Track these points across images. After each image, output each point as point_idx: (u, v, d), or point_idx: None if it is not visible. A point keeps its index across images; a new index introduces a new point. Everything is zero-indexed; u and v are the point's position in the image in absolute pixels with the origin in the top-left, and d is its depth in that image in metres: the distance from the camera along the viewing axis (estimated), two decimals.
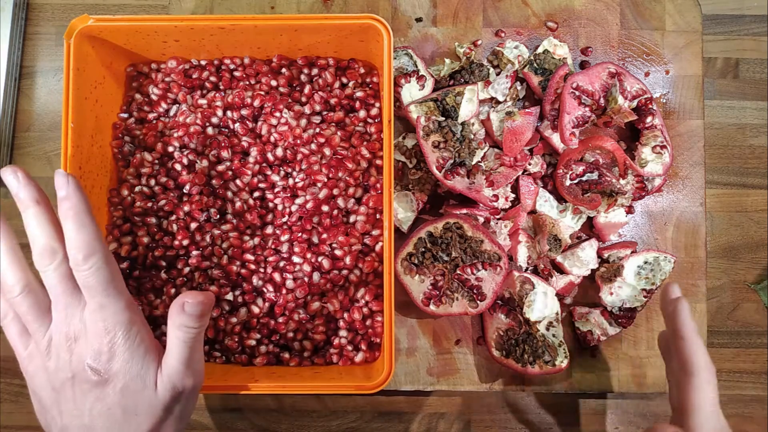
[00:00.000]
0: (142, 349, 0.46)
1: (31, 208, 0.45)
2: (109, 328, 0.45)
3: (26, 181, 0.46)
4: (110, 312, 0.45)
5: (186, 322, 0.47)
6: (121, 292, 0.46)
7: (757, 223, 0.72)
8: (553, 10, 0.71)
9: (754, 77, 0.73)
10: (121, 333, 0.45)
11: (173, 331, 0.47)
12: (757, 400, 0.71)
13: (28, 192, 0.46)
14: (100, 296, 0.45)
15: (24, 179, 0.46)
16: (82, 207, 0.45)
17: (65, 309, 0.46)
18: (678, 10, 0.71)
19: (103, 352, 0.45)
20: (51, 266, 0.45)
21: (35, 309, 0.46)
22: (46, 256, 0.45)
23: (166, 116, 0.64)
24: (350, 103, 0.65)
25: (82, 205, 0.45)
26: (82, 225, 0.44)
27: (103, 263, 0.45)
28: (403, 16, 0.71)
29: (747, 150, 0.72)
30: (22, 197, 0.46)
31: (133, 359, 0.46)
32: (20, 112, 0.71)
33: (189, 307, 0.47)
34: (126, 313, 0.46)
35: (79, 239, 0.44)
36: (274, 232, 0.62)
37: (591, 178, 0.67)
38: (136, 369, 0.46)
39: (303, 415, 0.70)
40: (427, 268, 0.64)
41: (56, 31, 0.72)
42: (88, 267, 0.44)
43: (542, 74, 0.68)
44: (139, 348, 0.46)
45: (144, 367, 0.46)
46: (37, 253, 0.45)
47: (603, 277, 0.67)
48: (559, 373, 0.65)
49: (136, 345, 0.46)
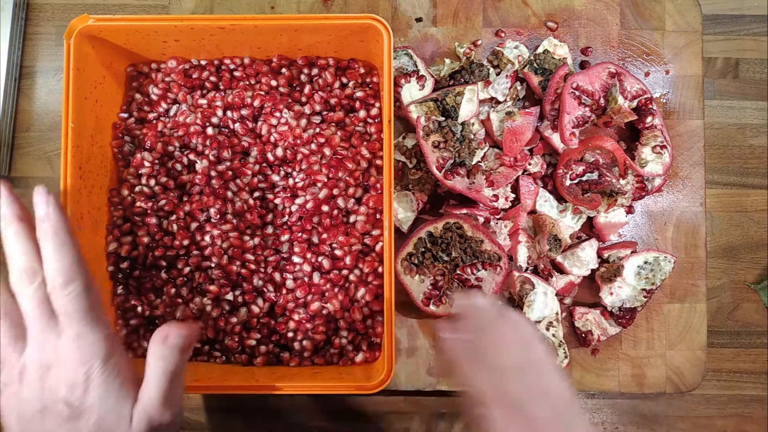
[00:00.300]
0: (118, 382, 0.44)
1: (13, 226, 0.43)
2: (86, 359, 0.42)
3: (10, 196, 0.44)
4: (88, 342, 0.43)
5: (167, 355, 0.45)
6: (101, 322, 0.44)
7: (757, 223, 0.72)
8: (553, 10, 0.71)
9: (754, 77, 0.73)
10: (98, 365, 0.43)
11: (153, 361, 0.45)
12: (757, 400, 0.71)
13: (11, 208, 0.43)
14: (78, 324, 0.42)
15: (7, 194, 0.44)
16: (61, 226, 0.43)
17: (40, 334, 0.43)
18: (678, 10, 0.71)
19: (78, 384, 0.42)
20: (30, 288, 0.43)
21: (9, 333, 0.43)
22: (26, 277, 0.43)
23: (166, 116, 0.64)
24: (350, 103, 0.65)
25: (62, 224, 0.43)
26: (62, 245, 0.42)
27: (83, 290, 0.43)
28: (403, 16, 0.71)
29: (747, 150, 0.72)
30: (4, 213, 0.43)
31: (108, 393, 0.43)
32: (20, 112, 0.71)
33: (173, 338, 0.45)
34: (104, 343, 0.43)
35: (59, 263, 0.42)
36: (274, 232, 0.62)
37: (591, 178, 0.67)
38: (111, 403, 0.43)
39: (303, 415, 0.70)
40: (427, 268, 0.64)
41: (56, 31, 0.72)
42: (67, 293, 0.42)
43: (542, 74, 0.68)
44: (115, 381, 0.43)
45: (120, 400, 0.44)
46: (16, 273, 0.43)
47: (603, 277, 0.67)
48: None
49: (112, 378, 0.43)
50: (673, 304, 0.69)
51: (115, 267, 0.61)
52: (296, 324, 0.61)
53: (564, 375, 0.48)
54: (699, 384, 0.68)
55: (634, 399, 0.70)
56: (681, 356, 0.68)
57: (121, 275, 0.61)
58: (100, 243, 0.61)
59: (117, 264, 0.61)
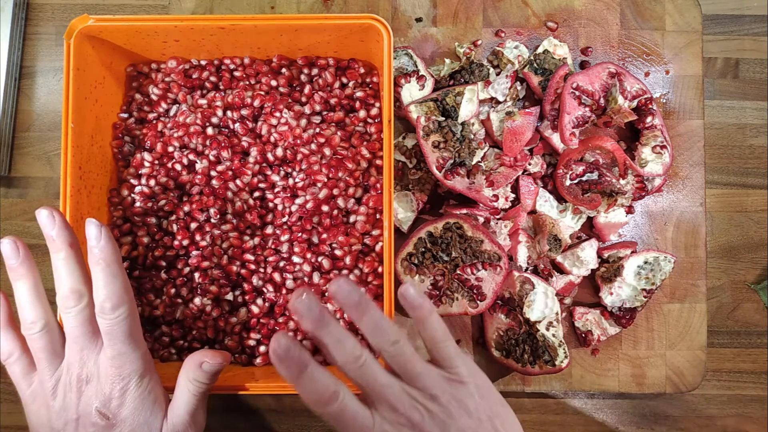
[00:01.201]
0: (151, 398, 0.48)
1: (63, 252, 0.46)
2: (124, 375, 0.46)
3: (62, 224, 0.47)
4: (127, 360, 0.46)
5: (200, 378, 0.49)
6: (140, 342, 0.47)
7: (757, 223, 0.72)
8: (553, 10, 0.71)
9: (754, 77, 0.73)
10: (135, 381, 0.47)
11: (185, 383, 0.49)
12: (757, 400, 0.71)
13: (63, 236, 0.46)
14: (120, 344, 0.46)
15: (60, 222, 0.47)
16: (114, 258, 0.46)
17: (81, 351, 0.46)
18: (678, 10, 0.71)
19: (114, 398, 0.46)
20: (75, 308, 0.46)
21: (50, 348, 0.47)
22: (73, 298, 0.46)
23: (166, 116, 0.64)
24: (350, 103, 0.64)
25: (114, 255, 0.46)
26: (114, 276, 0.46)
27: (129, 314, 0.46)
28: (403, 16, 0.71)
29: (747, 150, 0.72)
30: (56, 239, 0.46)
31: (142, 407, 0.47)
32: (20, 112, 0.71)
33: (207, 366, 0.49)
34: (141, 362, 0.47)
35: (109, 290, 0.45)
36: (274, 232, 0.62)
37: (591, 178, 0.67)
38: (144, 416, 0.47)
39: (303, 415, 0.70)
40: (427, 268, 0.64)
41: (56, 31, 0.72)
42: (114, 316, 0.45)
43: (542, 74, 0.68)
44: (149, 396, 0.48)
45: (152, 415, 0.48)
46: (63, 295, 0.46)
47: (603, 277, 0.67)
48: (559, 373, 0.65)
49: (146, 393, 0.47)
50: (673, 304, 0.69)
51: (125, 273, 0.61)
52: (296, 324, 0.61)
53: None
54: (699, 384, 0.68)
55: (634, 399, 0.70)
56: (681, 356, 0.68)
57: None
58: None
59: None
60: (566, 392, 0.69)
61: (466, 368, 0.48)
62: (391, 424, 0.44)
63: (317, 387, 0.43)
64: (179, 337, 0.61)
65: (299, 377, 0.43)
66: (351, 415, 0.44)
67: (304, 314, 0.45)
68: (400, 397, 0.44)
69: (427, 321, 0.48)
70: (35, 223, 0.49)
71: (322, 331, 0.45)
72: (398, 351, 0.46)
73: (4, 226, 0.70)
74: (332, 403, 0.43)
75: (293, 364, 0.43)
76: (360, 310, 0.46)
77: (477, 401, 0.46)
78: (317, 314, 0.44)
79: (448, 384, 0.46)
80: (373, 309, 0.46)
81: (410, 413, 0.44)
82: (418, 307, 0.48)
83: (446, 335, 0.48)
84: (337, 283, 0.45)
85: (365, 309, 0.46)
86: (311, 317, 0.44)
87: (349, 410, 0.44)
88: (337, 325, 0.45)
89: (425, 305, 0.48)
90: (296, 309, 0.45)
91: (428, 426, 0.44)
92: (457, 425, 0.45)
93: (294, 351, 0.43)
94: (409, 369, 0.46)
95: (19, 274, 0.47)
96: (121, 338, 0.46)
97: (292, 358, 0.43)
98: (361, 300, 0.46)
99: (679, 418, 0.70)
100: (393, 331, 0.46)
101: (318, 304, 0.45)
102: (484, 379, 0.49)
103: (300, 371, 0.43)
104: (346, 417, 0.44)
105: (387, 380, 0.45)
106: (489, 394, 0.48)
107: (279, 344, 0.43)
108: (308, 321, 0.45)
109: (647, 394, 0.70)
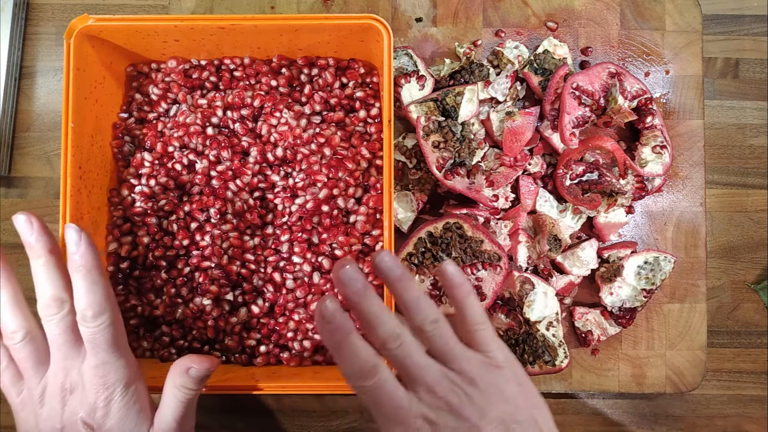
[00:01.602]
0: (137, 408, 0.47)
1: (43, 258, 0.45)
2: (108, 384, 0.45)
3: (41, 229, 0.46)
4: (112, 369, 0.45)
5: (187, 384, 0.47)
6: (124, 351, 0.46)
7: (757, 223, 0.72)
8: (553, 10, 0.71)
9: (754, 77, 0.73)
10: (120, 390, 0.45)
11: (171, 389, 0.47)
12: (757, 400, 0.71)
13: (42, 241, 0.46)
14: (103, 353, 0.45)
15: (39, 227, 0.46)
16: (94, 263, 0.45)
17: (64, 360, 0.46)
18: (678, 10, 0.71)
19: (99, 408, 0.45)
20: (57, 316, 0.45)
21: (34, 356, 0.46)
22: (54, 306, 0.45)
23: (166, 116, 0.64)
24: (350, 103, 0.64)
25: (94, 261, 0.45)
26: (94, 282, 0.45)
27: (112, 322, 0.45)
28: (403, 16, 0.71)
29: (747, 150, 0.72)
30: (35, 246, 0.45)
31: (127, 417, 0.46)
32: (20, 112, 0.71)
33: (194, 372, 0.47)
34: (126, 370, 0.46)
35: (90, 297, 0.44)
36: (274, 232, 0.62)
37: (591, 178, 0.67)
38: (129, 426, 0.46)
39: (303, 415, 0.70)
40: (427, 268, 0.64)
41: (56, 31, 0.72)
42: (96, 324, 0.44)
43: (542, 74, 0.68)
44: (134, 406, 0.46)
45: (138, 425, 0.46)
46: (44, 302, 0.45)
47: (603, 277, 0.67)
48: (559, 373, 0.65)
49: (132, 403, 0.46)
50: (673, 304, 0.69)
51: (115, 267, 0.61)
52: (296, 324, 0.61)
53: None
54: (699, 384, 0.68)
55: (634, 399, 0.70)
56: (681, 356, 0.68)
57: (121, 275, 0.61)
58: (100, 243, 0.61)
59: (117, 264, 0.61)
60: (566, 392, 0.69)
61: (502, 353, 0.45)
62: (428, 406, 0.42)
63: (358, 358, 0.41)
64: (179, 337, 0.61)
65: (342, 344, 0.41)
66: (388, 394, 0.42)
67: (347, 284, 0.42)
68: (438, 379, 0.42)
69: (466, 301, 0.45)
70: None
71: (364, 303, 0.42)
72: (439, 331, 0.43)
73: (4, 226, 0.70)
74: (370, 378, 0.41)
75: (338, 328, 0.41)
76: (402, 286, 0.43)
77: (515, 388, 0.44)
78: (361, 285, 0.42)
79: (486, 368, 0.44)
80: (414, 286, 0.44)
81: (449, 396, 0.42)
82: (458, 286, 0.45)
83: (484, 318, 0.46)
84: (381, 254, 0.43)
85: (408, 285, 0.43)
86: (355, 288, 0.42)
87: (386, 388, 0.42)
88: (379, 300, 0.43)
89: (465, 285, 0.46)
90: (340, 278, 0.42)
91: (467, 410, 0.42)
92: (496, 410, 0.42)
93: (341, 315, 0.41)
94: (448, 350, 0.44)
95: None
96: (104, 347, 0.45)
97: (339, 322, 0.41)
98: (404, 275, 0.43)
99: (679, 418, 0.70)
100: (433, 309, 0.44)
101: (362, 275, 0.43)
102: (520, 367, 0.47)
103: (344, 338, 0.41)
104: (382, 395, 0.42)
105: (425, 361, 0.43)
106: (526, 382, 0.46)
107: (326, 307, 0.41)
108: (351, 291, 0.42)
109: (647, 394, 0.70)
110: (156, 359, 0.61)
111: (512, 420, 0.43)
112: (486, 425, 0.42)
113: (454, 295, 0.46)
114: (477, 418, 0.42)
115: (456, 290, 0.46)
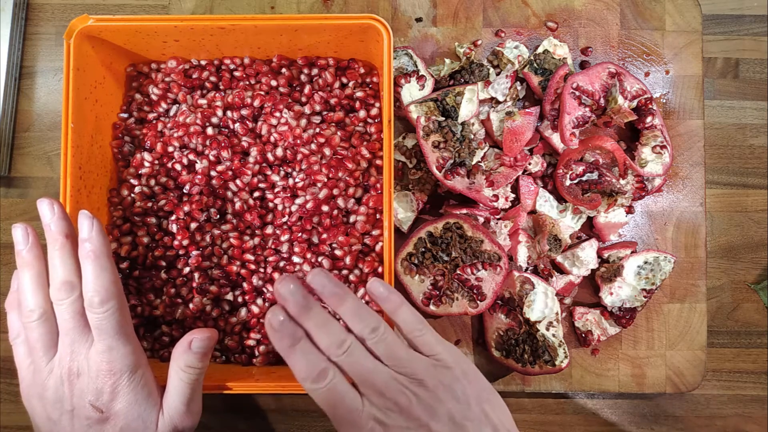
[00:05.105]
0: (145, 392, 0.48)
1: (59, 242, 0.46)
2: (115, 370, 0.46)
3: (61, 214, 0.47)
4: (117, 355, 0.46)
5: (191, 362, 0.48)
6: (130, 337, 0.47)
7: (757, 223, 0.72)
8: (553, 10, 0.71)
9: (754, 77, 0.73)
10: (126, 375, 0.46)
11: (177, 371, 0.48)
12: (757, 400, 0.71)
13: (60, 226, 0.47)
14: (110, 339, 0.46)
15: (59, 212, 0.47)
16: (103, 250, 0.46)
17: (71, 344, 0.46)
18: (678, 10, 0.71)
19: (105, 392, 0.46)
20: (67, 300, 0.46)
21: (45, 338, 0.47)
22: (64, 290, 0.46)
23: (166, 116, 0.64)
24: (350, 103, 0.65)
25: (103, 248, 0.46)
26: (103, 269, 0.46)
27: (118, 308, 0.46)
28: (403, 16, 0.71)
29: (747, 150, 0.72)
30: (54, 229, 0.47)
31: (136, 401, 0.47)
32: (20, 112, 0.71)
33: (197, 344, 0.48)
34: (132, 357, 0.47)
35: (97, 283, 0.45)
36: (274, 232, 0.62)
37: (591, 178, 0.67)
38: (138, 410, 0.47)
39: (303, 415, 0.70)
40: (427, 268, 0.64)
41: (56, 31, 0.72)
42: (103, 311, 0.45)
43: (542, 74, 0.68)
44: (142, 391, 0.47)
45: (146, 408, 0.47)
46: (56, 285, 0.46)
47: (603, 277, 0.67)
48: (559, 373, 0.65)
49: (139, 388, 0.47)
50: (673, 304, 0.69)
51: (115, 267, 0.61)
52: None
53: None
54: (699, 384, 0.68)
55: (634, 399, 0.70)
56: (681, 356, 0.68)
57: (121, 275, 0.61)
58: None
59: (117, 264, 0.61)
60: (566, 392, 0.69)
61: (449, 354, 0.48)
62: (378, 408, 0.44)
63: (308, 362, 0.44)
64: (179, 337, 0.61)
65: (290, 349, 0.44)
66: (340, 396, 0.44)
67: (287, 299, 0.45)
68: (386, 381, 0.45)
69: (398, 312, 0.48)
70: (35, 223, 0.49)
71: (305, 315, 0.45)
72: (380, 337, 0.46)
73: (4, 226, 0.70)
74: (321, 380, 0.44)
75: (286, 335, 0.44)
76: (337, 299, 0.46)
77: (464, 385, 0.46)
78: (300, 299, 0.45)
79: (434, 369, 0.46)
80: (351, 297, 0.47)
81: (398, 397, 0.44)
82: (386, 300, 0.48)
83: (420, 323, 0.48)
84: (313, 273, 0.46)
85: (343, 298, 0.46)
86: (294, 301, 0.45)
87: (338, 391, 0.44)
88: (321, 310, 0.46)
89: (392, 298, 0.48)
90: (281, 294, 0.45)
91: (416, 410, 0.44)
92: (444, 409, 0.45)
93: (288, 324, 0.44)
94: (394, 355, 0.46)
95: (25, 261, 0.47)
96: (111, 333, 0.45)
97: (286, 329, 0.44)
98: (338, 289, 0.46)
99: (679, 418, 0.70)
100: (373, 318, 0.46)
101: (301, 289, 0.45)
102: (470, 366, 0.49)
103: (291, 344, 0.45)
104: (335, 397, 0.44)
105: (373, 365, 0.45)
106: (476, 379, 0.48)
107: (275, 316, 0.44)
108: (291, 305, 0.45)
109: (647, 394, 0.70)
110: (156, 359, 0.61)
111: (463, 417, 0.45)
112: (435, 423, 0.44)
113: (386, 309, 0.49)
114: (426, 417, 0.44)
115: (386, 305, 0.49)
